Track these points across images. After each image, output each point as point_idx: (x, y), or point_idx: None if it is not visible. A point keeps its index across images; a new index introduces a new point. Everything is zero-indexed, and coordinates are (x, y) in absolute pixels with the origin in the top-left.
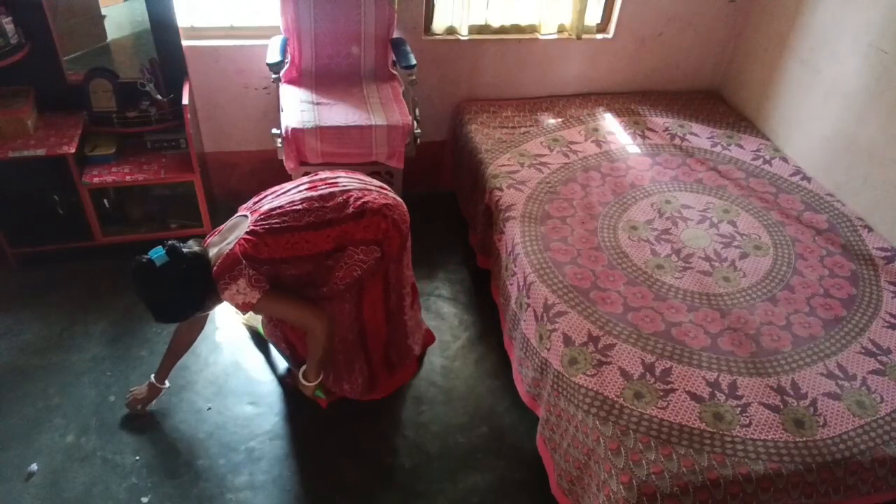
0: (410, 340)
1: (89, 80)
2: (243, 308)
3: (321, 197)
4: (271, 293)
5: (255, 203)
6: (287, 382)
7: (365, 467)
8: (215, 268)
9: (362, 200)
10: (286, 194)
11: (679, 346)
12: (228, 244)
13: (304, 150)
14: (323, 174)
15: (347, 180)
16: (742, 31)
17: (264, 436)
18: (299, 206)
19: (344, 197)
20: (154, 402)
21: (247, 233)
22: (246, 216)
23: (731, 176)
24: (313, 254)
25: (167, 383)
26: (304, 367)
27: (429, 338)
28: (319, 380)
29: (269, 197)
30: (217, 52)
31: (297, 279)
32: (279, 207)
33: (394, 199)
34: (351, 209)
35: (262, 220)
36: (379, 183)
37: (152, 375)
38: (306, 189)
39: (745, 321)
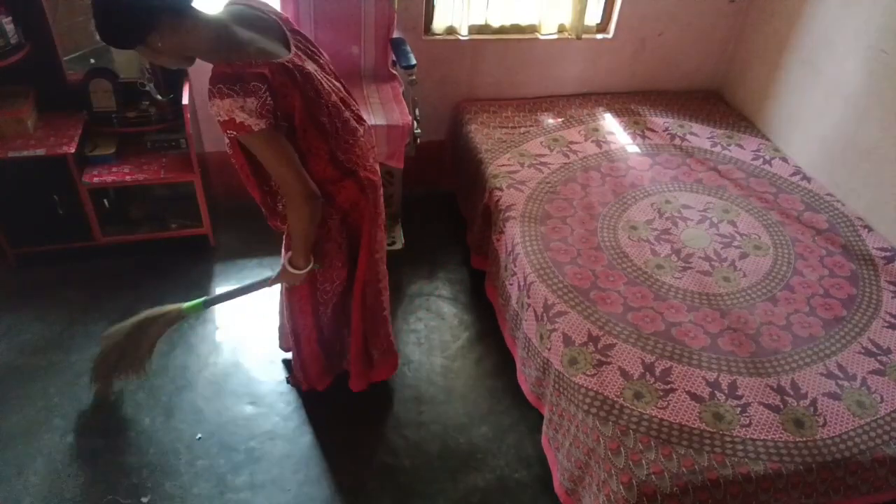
0: (393, 339)
1: (89, 80)
2: (228, 129)
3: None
4: (275, 133)
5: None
6: (288, 380)
7: (365, 467)
8: (228, 63)
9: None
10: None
11: (679, 346)
12: (265, 43)
13: None
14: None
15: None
16: (742, 31)
17: (264, 436)
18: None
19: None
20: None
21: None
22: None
23: (731, 176)
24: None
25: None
26: (289, 254)
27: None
28: (310, 267)
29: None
30: None
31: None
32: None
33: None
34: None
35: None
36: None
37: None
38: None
39: (745, 321)
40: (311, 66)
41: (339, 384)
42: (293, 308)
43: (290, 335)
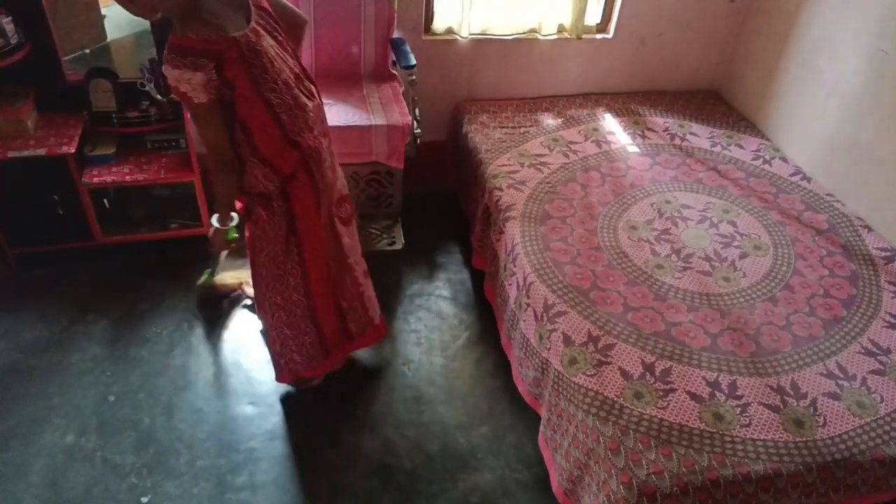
0: (371, 311)
1: (89, 80)
2: (174, 92)
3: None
4: (213, 109)
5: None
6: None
7: (365, 467)
8: (185, 36)
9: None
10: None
11: (679, 346)
12: (226, 15)
13: None
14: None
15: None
16: (742, 31)
17: (264, 436)
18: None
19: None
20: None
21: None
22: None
23: (730, 176)
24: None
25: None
26: (216, 215)
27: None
28: (234, 223)
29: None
30: None
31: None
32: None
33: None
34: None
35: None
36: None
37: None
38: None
39: (745, 321)
40: (266, 42)
41: (340, 384)
42: (259, 304)
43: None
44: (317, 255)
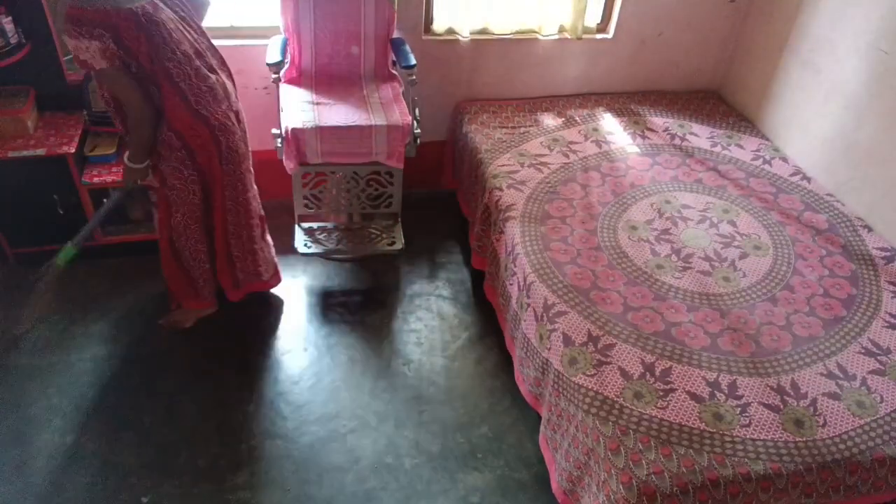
0: (262, 269)
1: (89, 80)
2: (75, 61)
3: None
4: (117, 73)
5: None
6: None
7: (365, 467)
8: (80, 7)
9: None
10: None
11: (679, 346)
12: None
13: (304, 150)
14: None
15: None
16: (742, 31)
17: (264, 436)
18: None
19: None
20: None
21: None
22: None
23: (730, 176)
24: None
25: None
26: (128, 153)
27: (276, 278)
28: (146, 163)
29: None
30: None
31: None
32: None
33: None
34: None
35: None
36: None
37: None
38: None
39: (745, 321)
40: (165, 15)
41: (340, 384)
42: (158, 230)
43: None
44: (224, 213)
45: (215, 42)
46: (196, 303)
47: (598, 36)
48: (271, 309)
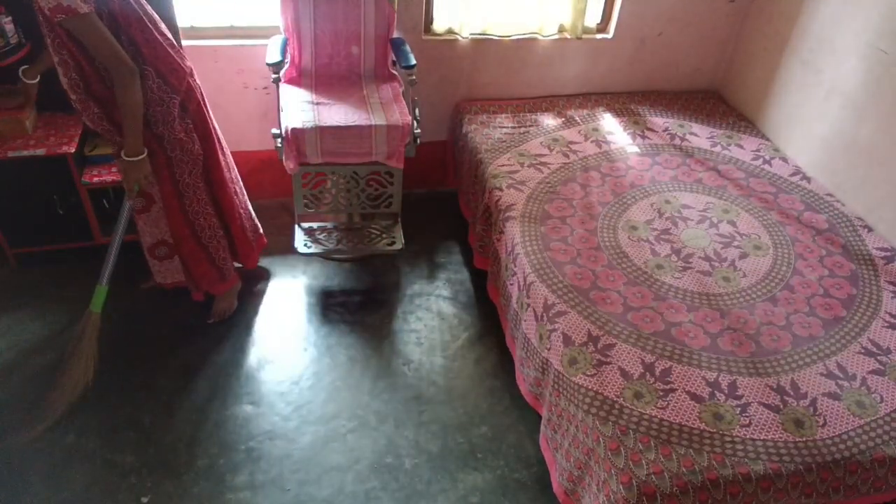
0: (257, 223)
1: None
2: (58, 12)
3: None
4: (97, 19)
5: None
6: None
7: (365, 467)
8: None
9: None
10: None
11: (679, 346)
12: None
13: (304, 150)
14: None
15: None
16: (742, 31)
17: (264, 436)
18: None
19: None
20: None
21: None
22: None
23: (730, 176)
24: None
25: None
26: (123, 150)
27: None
28: (144, 154)
29: None
30: (217, 52)
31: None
32: None
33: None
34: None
35: None
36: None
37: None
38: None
39: (745, 321)
40: None
41: (340, 384)
42: (168, 214)
43: (174, 248)
44: (227, 171)
45: (215, 42)
46: (223, 285)
47: (598, 36)
48: (271, 309)
